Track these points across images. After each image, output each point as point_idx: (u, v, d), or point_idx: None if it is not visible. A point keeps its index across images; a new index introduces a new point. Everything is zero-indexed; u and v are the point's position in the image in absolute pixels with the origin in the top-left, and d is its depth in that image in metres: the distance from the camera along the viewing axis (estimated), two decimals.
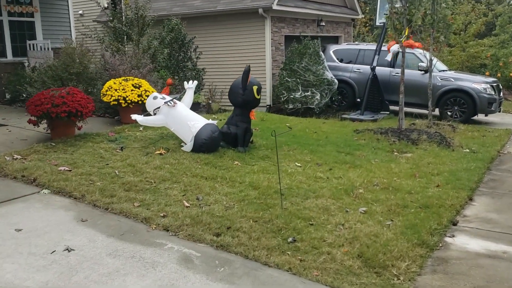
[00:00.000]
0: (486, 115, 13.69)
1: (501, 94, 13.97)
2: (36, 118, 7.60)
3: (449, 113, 13.30)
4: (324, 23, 17.63)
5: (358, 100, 14.61)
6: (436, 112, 13.46)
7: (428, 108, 11.91)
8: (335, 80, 14.44)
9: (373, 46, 14.86)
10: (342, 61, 15.45)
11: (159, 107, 7.71)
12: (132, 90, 9.29)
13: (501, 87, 14.32)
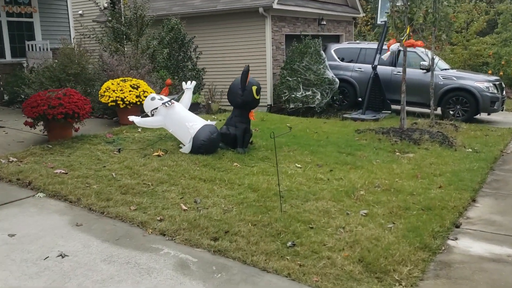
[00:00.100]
0: (489, 114, 13.57)
1: (504, 93, 13.86)
2: (33, 120, 7.51)
3: (451, 112, 13.19)
4: (325, 22, 17.52)
5: (360, 100, 14.50)
6: (438, 111, 13.36)
7: (430, 107, 11.79)
8: (336, 79, 14.34)
9: (375, 45, 14.74)
10: (343, 60, 15.34)
11: (157, 108, 7.61)
12: (130, 91, 9.19)
13: (504, 86, 14.21)
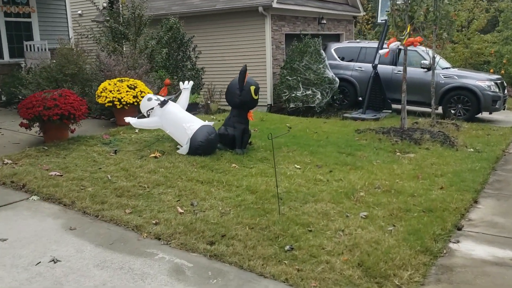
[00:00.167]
0: (491, 113, 13.45)
1: (506, 92, 13.75)
2: (28, 121, 7.43)
3: (453, 112, 13.08)
4: (325, 21, 17.42)
5: (360, 99, 14.41)
6: (440, 111, 13.25)
7: (431, 107, 11.68)
8: (336, 79, 14.24)
9: (375, 44, 14.63)
10: (344, 59, 15.24)
11: (152, 108, 7.51)
12: (127, 91, 9.09)
13: (506, 84, 14.09)
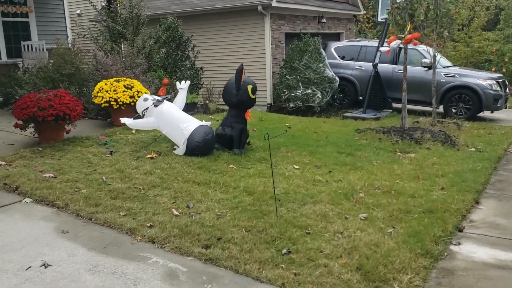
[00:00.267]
0: (492, 112, 13.34)
1: (507, 90, 13.63)
2: (23, 122, 7.32)
3: (454, 110, 12.97)
4: (325, 20, 17.32)
5: (360, 98, 14.30)
6: (441, 110, 13.13)
7: (432, 106, 11.57)
8: (336, 78, 14.15)
9: (375, 43, 14.51)
10: (344, 58, 15.13)
11: (147, 108, 7.40)
12: (124, 91, 8.98)
13: (507, 83, 13.97)
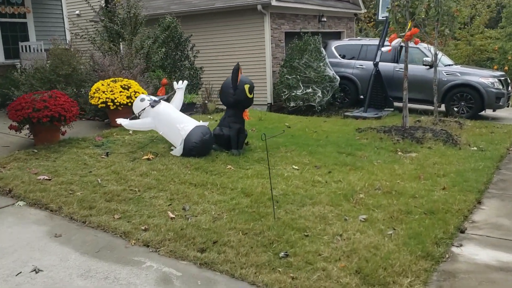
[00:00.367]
0: (494, 111, 13.23)
1: (510, 88, 13.50)
2: (17, 124, 7.23)
3: (456, 109, 12.84)
4: (326, 19, 17.19)
5: (361, 97, 14.20)
6: (442, 108, 13.01)
7: (434, 104, 11.46)
8: (337, 77, 14.04)
9: (376, 41, 14.40)
10: (344, 57, 15.02)
11: (144, 109, 7.30)
12: (121, 92, 8.88)
13: (509, 81, 13.84)
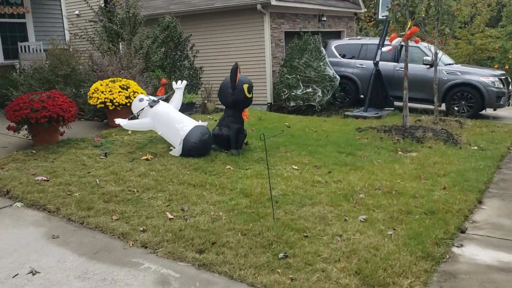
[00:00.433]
0: (495, 110, 13.19)
1: (510, 87, 13.45)
2: (15, 124, 7.19)
3: (456, 108, 12.80)
4: (326, 18, 17.15)
5: (362, 97, 14.16)
6: (443, 108, 12.97)
7: (434, 104, 11.42)
8: (337, 76, 14.00)
9: (376, 41, 14.35)
10: (345, 57, 14.98)
11: (143, 109, 7.27)
12: (120, 92, 8.84)
13: (510, 80, 13.79)
